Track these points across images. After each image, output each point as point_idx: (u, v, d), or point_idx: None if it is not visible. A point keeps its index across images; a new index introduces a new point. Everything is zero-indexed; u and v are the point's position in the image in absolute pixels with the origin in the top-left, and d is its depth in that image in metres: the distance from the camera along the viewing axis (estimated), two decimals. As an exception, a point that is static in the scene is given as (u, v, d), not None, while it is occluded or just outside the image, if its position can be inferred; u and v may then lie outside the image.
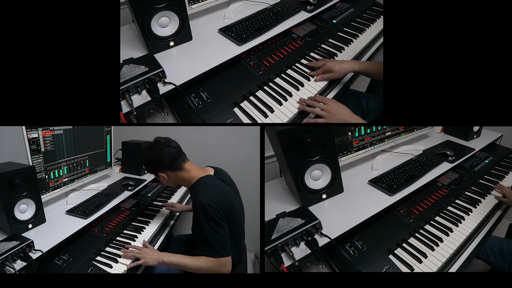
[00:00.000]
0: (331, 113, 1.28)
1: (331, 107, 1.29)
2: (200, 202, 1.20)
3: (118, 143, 2.19)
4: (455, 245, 1.33)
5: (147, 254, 1.29)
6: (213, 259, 1.21)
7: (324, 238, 1.24)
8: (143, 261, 1.26)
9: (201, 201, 1.20)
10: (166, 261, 1.27)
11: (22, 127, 1.39)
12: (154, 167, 1.35)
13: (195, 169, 1.36)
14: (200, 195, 1.23)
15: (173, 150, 1.32)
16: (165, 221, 1.70)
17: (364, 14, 1.83)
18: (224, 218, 1.24)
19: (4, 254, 1.08)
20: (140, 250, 1.32)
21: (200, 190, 1.27)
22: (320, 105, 1.30)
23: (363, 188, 1.59)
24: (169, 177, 1.35)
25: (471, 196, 1.66)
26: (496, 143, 2.24)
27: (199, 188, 1.29)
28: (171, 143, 1.35)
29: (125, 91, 1.23)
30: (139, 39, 1.49)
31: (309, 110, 1.32)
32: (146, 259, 1.27)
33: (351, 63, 1.46)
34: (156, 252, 1.33)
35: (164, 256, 1.29)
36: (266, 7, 1.73)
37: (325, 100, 1.32)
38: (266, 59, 1.51)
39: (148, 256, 1.28)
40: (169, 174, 1.34)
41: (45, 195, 1.53)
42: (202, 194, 1.23)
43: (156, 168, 1.34)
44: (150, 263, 1.27)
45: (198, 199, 1.22)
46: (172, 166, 1.32)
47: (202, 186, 1.29)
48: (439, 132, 2.27)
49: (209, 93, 1.35)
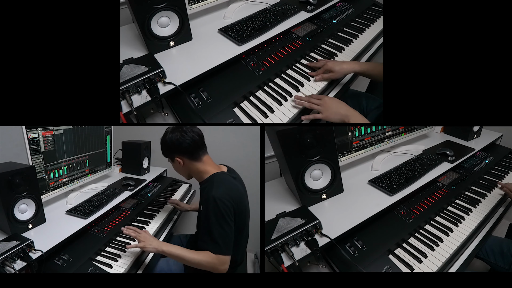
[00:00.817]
0: (328, 108, 1.29)
1: (327, 102, 1.30)
2: (213, 197, 1.20)
3: (118, 143, 2.19)
4: (455, 245, 1.32)
5: (147, 239, 1.27)
6: (212, 255, 1.21)
7: (324, 238, 1.24)
8: (142, 245, 1.25)
9: (214, 196, 1.20)
10: (165, 250, 1.25)
11: (22, 127, 1.39)
12: (174, 149, 1.31)
13: (211, 164, 1.35)
14: (214, 190, 1.23)
15: (197, 137, 1.30)
16: (165, 221, 1.70)
17: (364, 14, 1.83)
18: (233, 216, 1.24)
19: (4, 254, 1.08)
20: (141, 234, 1.30)
21: (214, 185, 1.26)
22: (316, 101, 1.31)
23: (363, 188, 1.59)
24: (185, 165, 1.32)
25: (471, 196, 1.66)
26: (496, 143, 2.24)
27: (213, 183, 1.27)
28: (195, 129, 1.32)
29: (125, 91, 1.23)
30: (139, 39, 1.49)
31: (307, 106, 1.32)
32: (146, 244, 1.25)
33: (352, 63, 1.47)
34: (156, 240, 1.31)
35: (163, 245, 1.27)
36: (266, 7, 1.73)
37: (320, 96, 1.33)
38: (266, 59, 1.51)
39: (148, 241, 1.27)
40: (185, 161, 1.32)
41: (45, 195, 1.53)
42: (216, 190, 1.23)
43: (176, 151, 1.31)
44: (149, 249, 1.26)
45: (212, 193, 1.21)
46: (191, 153, 1.30)
47: (217, 181, 1.28)
48: (439, 132, 2.27)
49: (209, 93, 1.35)
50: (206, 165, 1.33)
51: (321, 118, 1.31)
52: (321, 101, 1.31)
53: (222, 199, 1.20)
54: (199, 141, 1.31)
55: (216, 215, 1.20)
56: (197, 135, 1.31)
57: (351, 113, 1.31)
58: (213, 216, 1.20)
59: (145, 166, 2.20)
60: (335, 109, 1.30)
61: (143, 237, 1.28)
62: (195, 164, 1.32)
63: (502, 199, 1.65)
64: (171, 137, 1.30)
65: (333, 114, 1.29)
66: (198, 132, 1.33)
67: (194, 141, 1.29)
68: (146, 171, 2.21)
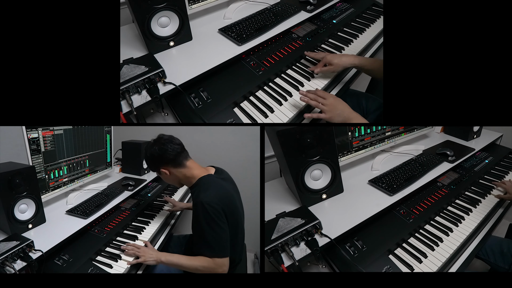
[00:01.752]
0: (332, 109, 1.27)
1: (332, 103, 1.28)
2: (201, 202, 1.21)
3: (118, 143, 2.19)
4: (455, 245, 1.32)
5: (146, 253, 1.31)
6: (209, 259, 1.22)
7: (324, 238, 1.24)
8: (142, 260, 1.28)
9: (202, 201, 1.21)
10: (164, 261, 1.29)
11: (22, 127, 1.39)
12: (157, 162, 1.35)
13: (197, 167, 1.36)
14: (201, 194, 1.24)
15: (176, 146, 1.33)
16: (165, 221, 1.70)
17: (364, 14, 1.83)
18: (225, 218, 1.24)
19: (4, 254, 1.08)
20: (140, 249, 1.33)
21: (201, 189, 1.27)
22: (321, 100, 1.28)
23: (363, 188, 1.59)
24: (171, 174, 1.35)
25: (471, 196, 1.66)
26: (496, 143, 2.24)
27: (200, 187, 1.29)
28: (174, 139, 1.36)
29: (125, 91, 1.23)
30: (139, 39, 1.49)
31: (313, 104, 1.29)
32: (146, 258, 1.29)
33: (351, 57, 1.46)
34: (155, 252, 1.35)
35: (162, 255, 1.31)
36: (266, 7, 1.73)
37: (326, 95, 1.30)
38: (266, 59, 1.51)
39: (147, 255, 1.30)
40: (171, 170, 1.34)
41: (45, 195, 1.53)
42: (204, 194, 1.24)
43: (159, 163, 1.34)
44: (149, 262, 1.29)
45: (199, 198, 1.22)
46: (174, 162, 1.32)
47: (203, 185, 1.29)
48: (439, 132, 2.27)
49: (209, 93, 1.35)
50: (192, 169, 1.35)
51: (324, 118, 1.29)
52: (326, 101, 1.27)
53: (210, 202, 1.20)
54: (179, 149, 1.34)
55: (206, 220, 1.20)
56: (176, 144, 1.34)
57: (353, 115, 1.29)
58: (204, 222, 1.20)
59: (145, 166, 2.20)
60: (339, 111, 1.28)
61: (142, 251, 1.32)
62: (181, 171, 1.34)
63: (502, 199, 1.65)
64: (152, 151, 1.33)
65: (336, 116, 1.27)
66: (176, 140, 1.36)
67: (174, 149, 1.32)
68: (146, 171, 2.21)
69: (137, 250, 1.32)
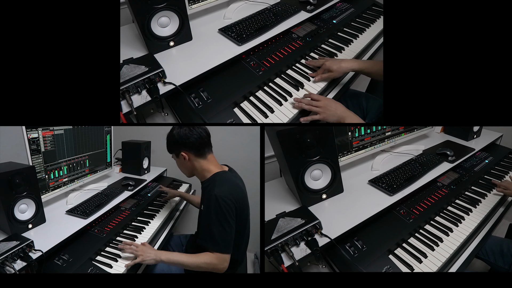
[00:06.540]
0: (326, 109, 1.31)
1: (325, 103, 1.32)
2: (215, 195, 1.21)
3: (118, 143, 2.19)
4: (455, 245, 1.32)
5: (145, 252, 1.28)
6: (211, 254, 1.22)
7: (324, 238, 1.24)
8: (141, 259, 1.25)
9: (217, 195, 1.21)
10: (164, 259, 1.27)
11: (22, 127, 1.39)
12: (181, 144, 1.32)
13: (215, 163, 1.37)
14: (216, 188, 1.24)
15: (204, 134, 1.33)
16: (165, 221, 1.70)
17: (364, 14, 1.83)
18: (235, 215, 1.25)
19: (4, 254, 1.08)
20: (138, 248, 1.31)
21: (217, 184, 1.27)
22: (314, 103, 1.33)
23: (363, 188, 1.59)
24: (189, 160, 1.33)
25: (471, 196, 1.66)
26: (496, 143, 2.24)
27: (216, 182, 1.29)
28: (206, 129, 1.35)
29: (125, 91, 1.23)
30: (139, 39, 1.49)
31: (307, 108, 1.33)
32: (144, 257, 1.26)
33: (350, 62, 1.47)
34: (154, 251, 1.32)
35: (162, 254, 1.29)
36: (266, 7, 1.73)
37: (318, 97, 1.35)
38: (266, 59, 1.51)
39: (146, 254, 1.27)
40: (191, 156, 1.33)
41: (45, 195, 1.53)
42: (219, 188, 1.24)
43: (182, 146, 1.32)
44: (148, 262, 1.27)
45: (214, 192, 1.22)
46: (197, 149, 1.32)
47: (219, 180, 1.29)
48: (439, 132, 2.27)
49: (209, 93, 1.35)
50: (210, 163, 1.35)
51: (318, 118, 1.32)
52: (319, 103, 1.32)
53: (224, 198, 1.21)
54: (206, 138, 1.34)
55: (217, 214, 1.20)
56: (205, 132, 1.34)
57: (347, 114, 1.33)
58: (214, 215, 1.20)
59: (145, 166, 2.20)
60: (333, 110, 1.32)
61: (140, 250, 1.29)
62: (200, 161, 1.33)
63: (502, 199, 1.65)
64: (179, 131, 1.32)
65: (330, 115, 1.32)
66: (206, 129, 1.35)
67: (201, 137, 1.32)
68: (146, 171, 2.21)
69: (135, 249, 1.30)
